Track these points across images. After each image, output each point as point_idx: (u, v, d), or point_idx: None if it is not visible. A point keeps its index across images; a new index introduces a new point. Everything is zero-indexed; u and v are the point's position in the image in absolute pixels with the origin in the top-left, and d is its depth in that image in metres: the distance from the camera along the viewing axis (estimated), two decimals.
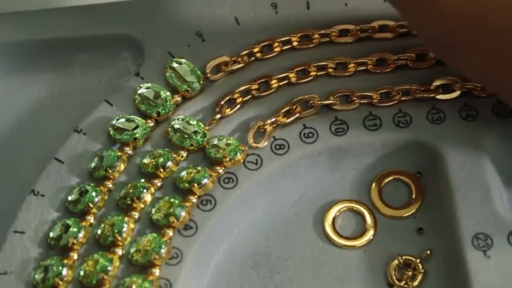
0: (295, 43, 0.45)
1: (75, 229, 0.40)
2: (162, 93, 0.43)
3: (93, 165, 0.42)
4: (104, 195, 0.41)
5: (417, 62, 0.44)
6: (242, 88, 0.43)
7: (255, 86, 0.43)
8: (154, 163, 0.41)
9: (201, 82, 0.43)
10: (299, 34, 0.45)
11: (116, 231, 0.40)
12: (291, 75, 0.43)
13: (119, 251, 0.40)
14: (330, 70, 0.44)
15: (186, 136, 0.42)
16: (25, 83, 0.47)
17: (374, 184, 0.43)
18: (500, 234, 0.39)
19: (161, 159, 0.41)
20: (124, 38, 0.46)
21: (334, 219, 0.42)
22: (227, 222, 0.41)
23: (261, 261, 0.41)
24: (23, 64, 0.47)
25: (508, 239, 0.39)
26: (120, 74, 0.46)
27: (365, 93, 0.43)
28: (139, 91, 0.43)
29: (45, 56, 0.47)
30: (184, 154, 0.42)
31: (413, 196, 0.42)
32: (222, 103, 0.43)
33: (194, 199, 0.40)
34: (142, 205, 0.40)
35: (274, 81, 0.43)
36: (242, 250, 0.42)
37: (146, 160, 0.41)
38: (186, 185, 0.41)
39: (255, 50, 0.44)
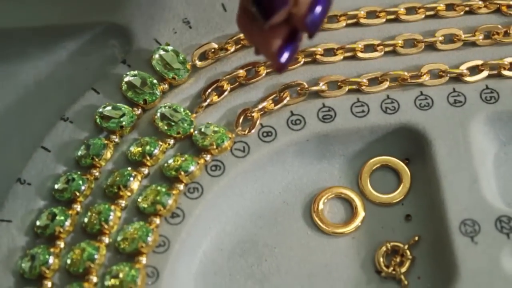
0: None
1: (61, 218, 0.40)
2: (149, 80, 0.43)
3: (79, 153, 0.42)
4: (91, 184, 0.41)
5: (405, 48, 0.44)
6: (229, 75, 0.43)
7: (242, 73, 0.43)
8: (141, 151, 0.41)
9: (188, 69, 0.43)
10: None
11: (103, 219, 0.39)
12: None
13: (106, 240, 0.39)
14: (317, 56, 0.43)
15: (173, 123, 0.42)
16: (11, 71, 0.47)
17: (362, 171, 0.43)
18: (488, 220, 0.39)
19: (148, 147, 0.41)
20: (111, 26, 0.46)
21: (322, 206, 0.42)
22: (214, 210, 0.41)
23: (249, 249, 0.41)
24: (9, 52, 0.47)
25: (496, 225, 0.39)
26: (107, 61, 0.46)
27: (353, 79, 0.43)
28: (126, 79, 0.43)
29: (31, 44, 0.47)
30: (171, 142, 0.42)
31: (401, 183, 0.42)
32: (209, 90, 0.43)
33: (181, 187, 0.40)
34: (129, 193, 0.40)
35: (261, 68, 0.43)
36: (230, 238, 0.42)
37: (133, 148, 0.41)
38: (173, 173, 0.40)
39: (242, 36, 0.44)
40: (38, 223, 0.40)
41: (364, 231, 0.42)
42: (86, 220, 0.40)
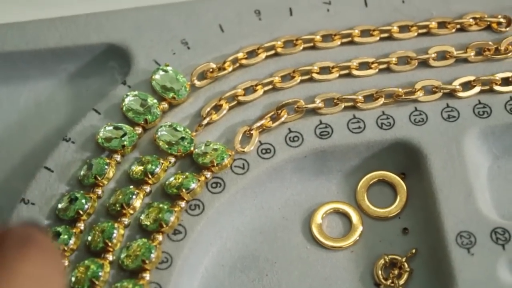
0: (279, 49, 0.45)
1: (65, 236, 0.40)
2: (149, 100, 0.44)
3: (82, 172, 0.42)
4: (94, 202, 0.41)
5: (399, 66, 0.45)
6: (227, 94, 0.44)
7: (240, 92, 0.44)
8: (142, 169, 0.42)
9: (187, 89, 0.44)
10: (282, 40, 0.45)
11: (106, 237, 0.40)
12: (276, 80, 0.44)
13: (110, 257, 0.40)
14: (314, 74, 0.44)
15: (173, 142, 0.42)
16: (12, 93, 0.47)
17: (359, 186, 0.44)
18: (483, 232, 0.40)
19: (149, 166, 0.42)
20: (110, 48, 0.47)
21: (320, 221, 0.43)
22: (215, 226, 0.42)
23: (250, 264, 0.42)
24: (10, 75, 0.47)
25: (491, 237, 0.40)
26: (107, 83, 0.47)
27: (349, 96, 0.44)
28: (126, 99, 0.44)
29: (32, 67, 0.47)
30: (172, 160, 0.42)
31: (398, 197, 0.43)
32: (209, 109, 0.44)
33: (182, 204, 0.41)
34: (131, 211, 0.41)
35: (259, 87, 0.44)
36: (231, 254, 0.42)
37: (134, 167, 0.42)
38: (175, 190, 0.41)
39: (240, 56, 0.45)
40: None
41: (362, 245, 0.42)
42: (89, 238, 0.41)
